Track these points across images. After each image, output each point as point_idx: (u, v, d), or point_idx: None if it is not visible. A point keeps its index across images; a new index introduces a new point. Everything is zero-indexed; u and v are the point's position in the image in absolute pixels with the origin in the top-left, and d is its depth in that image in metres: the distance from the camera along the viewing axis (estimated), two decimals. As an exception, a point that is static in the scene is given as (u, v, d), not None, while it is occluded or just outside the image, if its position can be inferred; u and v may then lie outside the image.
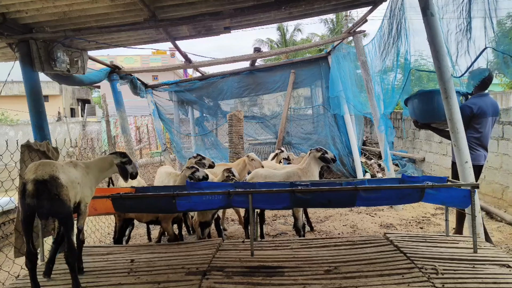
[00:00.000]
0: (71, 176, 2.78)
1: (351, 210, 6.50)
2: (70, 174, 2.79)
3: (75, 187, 2.78)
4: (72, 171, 2.84)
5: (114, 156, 3.28)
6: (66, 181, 2.67)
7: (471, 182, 3.51)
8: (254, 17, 4.42)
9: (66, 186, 2.65)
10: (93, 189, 3.10)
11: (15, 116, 20.50)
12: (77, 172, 2.90)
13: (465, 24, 3.50)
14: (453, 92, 3.88)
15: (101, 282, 2.94)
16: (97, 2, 3.39)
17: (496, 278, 2.73)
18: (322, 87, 8.72)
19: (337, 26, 24.89)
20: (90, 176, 3.06)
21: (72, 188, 2.74)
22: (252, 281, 2.86)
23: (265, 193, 3.53)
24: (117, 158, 3.27)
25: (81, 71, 4.60)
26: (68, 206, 2.66)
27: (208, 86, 8.54)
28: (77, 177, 2.85)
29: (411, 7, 4.43)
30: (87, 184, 3.00)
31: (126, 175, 3.26)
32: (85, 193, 2.96)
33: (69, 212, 2.68)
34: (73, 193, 2.74)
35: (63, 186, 2.63)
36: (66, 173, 2.74)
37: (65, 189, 2.64)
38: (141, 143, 16.26)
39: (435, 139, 9.18)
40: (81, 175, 2.92)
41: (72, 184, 2.74)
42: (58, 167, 2.71)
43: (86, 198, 2.98)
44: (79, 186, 2.84)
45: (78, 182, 2.83)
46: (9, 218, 5.53)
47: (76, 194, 2.80)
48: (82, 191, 2.89)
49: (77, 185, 2.81)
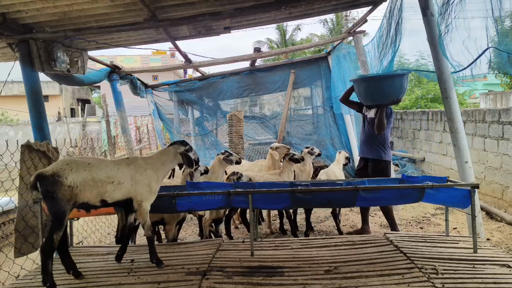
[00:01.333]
0: (98, 175, 2.80)
1: (351, 210, 6.50)
2: (94, 173, 2.79)
3: (101, 186, 2.81)
4: (106, 170, 2.86)
5: (176, 146, 3.25)
6: (75, 181, 2.68)
7: (471, 182, 3.51)
8: (254, 17, 4.43)
9: (70, 186, 2.66)
10: (152, 185, 3.09)
11: (15, 116, 20.49)
12: (121, 170, 2.93)
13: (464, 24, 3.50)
14: (453, 92, 3.88)
15: (101, 282, 2.94)
16: (97, 2, 3.39)
17: (496, 278, 2.73)
18: (322, 87, 8.70)
19: (337, 26, 24.90)
20: (149, 172, 3.07)
21: (94, 188, 2.78)
22: (252, 281, 2.86)
23: (265, 193, 3.53)
24: (180, 147, 3.25)
25: (81, 71, 4.60)
26: (61, 206, 2.65)
27: (208, 86, 8.53)
28: (111, 176, 2.87)
29: (410, 7, 4.43)
30: (143, 181, 3.02)
31: (191, 162, 3.25)
32: (139, 191, 2.98)
33: (59, 212, 2.66)
34: (95, 192, 2.79)
35: (64, 185, 2.63)
36: (85, 173, 2.75)
37: (65, 189, 2.64)
38: (141, 143, 16.27)
39: (435, 139, 9.18)
40: (128, 174, 2.95)
41: (94, 184, 2.78)
42: (74, 165, 2.73)
43: (140, 196, 2.99)
44: (115, 185, 2.87)
45: (112, 181, 2.86)
46: (9, 218, 5.53)
47: (105, 193, 2.84)
48: (129, 189, 2.94)
49: (108, 184, 2.84)
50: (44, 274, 2.75)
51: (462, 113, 7.15)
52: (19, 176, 3.57)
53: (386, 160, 4.59)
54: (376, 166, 4.57)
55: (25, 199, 3.57)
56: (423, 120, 9.89)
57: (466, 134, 4.14)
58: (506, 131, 6.41)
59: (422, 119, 9.92)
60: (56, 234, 2.69)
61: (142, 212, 3.03)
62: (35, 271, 3.27)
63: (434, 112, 9.45)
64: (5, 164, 3.28)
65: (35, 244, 3.63)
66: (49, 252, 2.72)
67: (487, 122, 6.98)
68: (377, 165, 4.57)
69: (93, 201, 2.87)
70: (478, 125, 7.28)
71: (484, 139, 7.05)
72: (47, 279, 2.75)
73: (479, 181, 6.78)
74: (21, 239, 3.56)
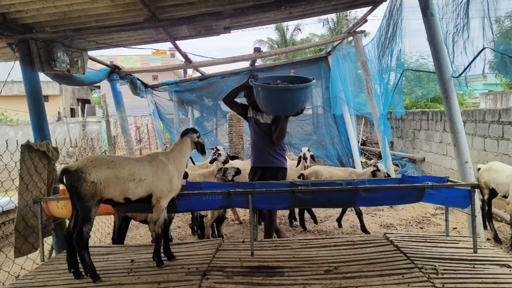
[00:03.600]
0: (120, 173, 2.84)
1: (351, 210, 6.50)
2: (117, 170, 2.84)
3: (123, 184, 2.86)
4: (128, 168, 2.89)
5: (190, 135, 3.23)
6: (98, 178, 2.75)
7: (471, 182, 3.51)
8: (254, 17, 4.42)
9: (94, 182, 2.74)
10: (174, 180, 3.08)
11: (15, 116, 20.50)
12: (143, 167, 2.96)
13: (462, 24, 3.51)
14: (453, 92, 3.88)
15: (101, 282, 2.93)
16: (97, 2, 3.39)
17: (496, 278, 2.73)
18: (322, 87, 8.71)
19: (337, 26, 24.90)
20: (170, 167, 3.07)
21: (117, 185, 2.83)
22: (252, 281, 2.86)
23: (265, 193, 3.53)
24: (193, 135, 3.23)
25: (81, 71, 4.60)
26: (85, 201, 2.75)
27: (208, 86, 8.52)
28: (133, 173, 2.90)
29: (410, 7, 4.43)
30: (164, 178, 3.02)
31: (204, 149, 3.27)
32: (159, 187, 2.99)
33: (83, 206, 2.76)
34: (118, 189, 2.84)
35: (87, 181, 2.72)
36: (109, 170, 2.80)
37: (88, 185, 2.72)
38: (141, 143, 16.26)
39: (435, 139, 9.18)
40: (150, 170, 2.97)
41: (117, 181, 2.83)
42: (97, 162, 2.80)
43: (160, 192, 3.00)
44: (136, 182, 2.90)
45: (133, 178, 2.89)
46: (9, 218, 5.53)
47: (127, 190, 2.89)
48: (151, 185, 2.95)
49: (130, 182, 2.88)
50: (83, 263, 2.88)
51: (462, 113, 7.15)
52: (19, 176, 3.57)
53: (286, 167, 4.34)
54: (277, 174, 4.18)
55: (25, 199, 3.57)
56: (423, 120, 9.89)
57: (466, 134, 4.15)
58: (506, 131, 6.42)
59: (422, 119, 9.92)
60: (85, 227, 2.80)
61: (159, 209, 3.05)
62: (35, 271, 3.27)
63: (434, 112, 9.45)
64: (5, 164, 3.28)
65: (35, 244, 3.63)
66: (81, 244, 2.82)
67: (487, 122, 6.98)
68: (277, 173, 4.19)
69: (117, 198, 2.93)
70: (478, 125, 7.28)
71: (484, 139, 7.06)
72: (88, 268, 2.87)
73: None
74: (21, 239, 3.56)
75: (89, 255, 2.92)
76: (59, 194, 3.84)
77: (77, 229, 2.80)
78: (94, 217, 2.86)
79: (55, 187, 3.95)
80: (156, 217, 3.06)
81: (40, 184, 3.68)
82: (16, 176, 3.56)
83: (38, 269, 3.29)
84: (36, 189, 3.63)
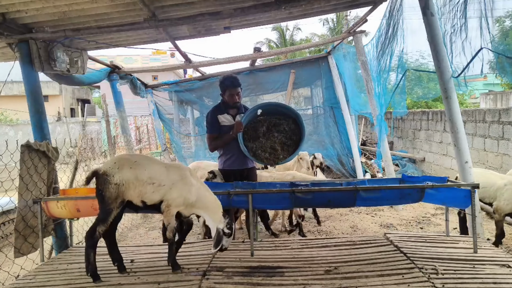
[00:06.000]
0: (141, 174, 2.84)
1: (351, 210, 6.50)
2: (138, 172, 2.83)
3: (142, 186, 2.84)
4: (150, 171, 2.88)
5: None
6: (121, 179, 2.76)
7: (471, 182, 3.51)
8: (254, 17, 4.42)
9: (117, 184, 2.76)
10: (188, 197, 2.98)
11: (15, 116, 20.49)
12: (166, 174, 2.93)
13: (459, 25, 3.51)
14: (453, 92, 3.88)
15: (101, 282, 2.93)
16: (97, 2, 3.39)
17: (496, 278, 2.73)
18: (322, 87, 8.71)
19: (337, 26, 24.90)
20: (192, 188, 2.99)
21: (136, 186, 2.82)
22: (252, 281, 2.86)
23: (265, 193, 3.52)
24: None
25: (81, 71, 4.59)
26: (108, 204, 2.76)
27: (208, 86, 8.51)
28: (154, 177, 2.88)
29: (410, 7, 4.43)
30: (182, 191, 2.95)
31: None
32: (173, 196, 2.92)
33: (105, 208, 2.78)
34: (137, 191, 2.83)
35: (111, 183, 2.75)
36: (131, 171, 2.81)
37: (112, 187, 2.74)
38: (141, 143, 16.26)
39: (435, 139, 9.18)
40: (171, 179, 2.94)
41: (136, 182, 2.82)
42: (120, 163, 2.83)
43: (172, 201, 2.93)
44: (155, 187, 2.87)
45: (152, 182, 2.87)
46: (9, 218, 5.53)
47: (145, 194, 2.86)
48: (166, 191, 2.91)
49: (148, 185, 2.86)
50: (86, 261, 2.88)
51: (462, 113, 7.15)
52: (19, 176, 3.57)
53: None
54: (253, 174, 4.21)
55: (25, 199, 3.57)
56: (423, 120, 9.89)
57: (466, 134, 4.14)
58: (506, 131, 6.41)
59: (422, 119, 9.92)
60: (99, 227, 2.81)
61: (168, 215, 2.99)
62: (35, 271, 3.27)
63: (434, 112, 9.45)
64: (5, 164, 3.28)
65: (35, 244, 3.63)
66: (91, 242, 2.83)
67: (487, 122, 6.98)
68: (253, 173, 4.21)
69: (136, 201, 2.89)
70: (478, 125, 7.28)
71: (484, 139, 7.05)
72: (90, 268, 2.87)
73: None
74: (21, 239, 3.56)
75: (95, 255, 2.91)
76: (59, 194, 3.84)
77: (91, 226, 2.82)
78: (111, 220, 2.86)
79: (55, 187, 3.95)
80: (167, 222, 3.01)
81: (40, 184, 3.68)
82: (16, 176, 3.56)
83: (38, 269, 3.30)
84: (36, 189, 3.63)
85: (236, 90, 4.04)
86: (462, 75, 3.74)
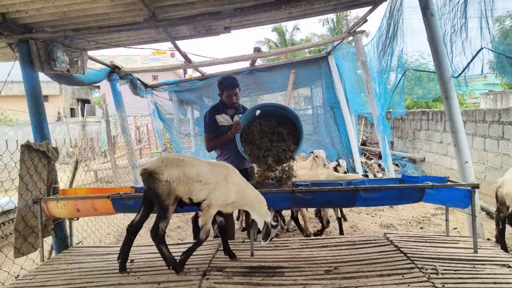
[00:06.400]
0: (189, 171, 2.89)
1: (351, 210, 6.50)
2: (187, 169, 2.89)
3: (191, 183, 2.89)
4: (197, 169, 2.94)
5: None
6: (170, 176, 2.82)
7: (472, 182, 3.51)
8: (254, 17, 4.42)
9: (167, 181, 2.81)
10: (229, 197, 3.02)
11: (14, 116, 20.50)
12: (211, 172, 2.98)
13: (459, 25, 3.52)
14: (454, 92, 3.88)
15: (101, 282, 2.93)
16: (97, 2, 3.39)
17: (496, 278, 2.73)
18: (322, 87, 8.70)
19: (337, 26, 24.91)
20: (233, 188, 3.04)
21: (186, 183, 2.88)
22: (252, 281, 2.86)
23: (265, 193, 3.52)
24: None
25: (81, 71, 4.59)
26: (162, 200, 2.81)
27: (208, 86, 8.51)
28: (201, 175, 2.93)
29: (410, 7, 4.43)
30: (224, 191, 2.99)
31: None
32: (215, 196, 2.97)
33: (161, 205, 2.83)
34: (186, 187, 2.88)
35: (161, 181, 2.80)
36: (179, 168, 2.87)
37: (163, 184, 2.79)
38: (141, 143, 16.27)
39: (435, 139, 9.18)
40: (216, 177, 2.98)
41: (186, 179, 2.87)
42: (168, 161, 2.89)
43: (214, 201, 2.98)
44: (202, 185, 2.92)
45: (199, 180, 2.93)
46: (9, 218, 5.53)
47: (193, 191, 2.91)
48: (210, 190, 2.95)
49: (196, 183, 2.91)
50: (163, 257, 2.94)
51: (462, 113, 7.15)
52: (19, 176, 3.56)
53: None
54: (251, 175, 4.17)
55: (25, 199, 3.57)
56: (423, 120, 9.89)
57: (466, 134, 4.14)
58: (506, 131, 6.41)
59: (422, 119, 9.92)
60: (161, 223, 2.86)
61: (207, 215, 3.01)
62: (35, 271, 3.27)
63: (434, 112, 9.45)
64: (5, 164, 3.27)
65: (35, 244, 3.62)
66: (158, 239, 2.88)
67: (487, 122, 6.98)
68: (251, 173, 4.18)
69: (184, 198, 2.95)
70: (478, 125, 7.28)
71: (484, 139, 7.05)
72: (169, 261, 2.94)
73: (479, 181, 6.77)
74: (20, 239, 3.55)
75: (167, 248, 2.96)
76: (59, 194, 3.84)
77: (153, 224, 2.87)
78: (171, 215, 2.92)
79: (55, 187, 3.95)
80: (203, 222, 3.00)
81: (40, 184, 3.67)
82: (16, 176, 3.56)
83: (38, 269, 3.29)
84: (35, 189, 3.62)
85: (234, 91, 4.03)
86: (462, 75, 3.74)
